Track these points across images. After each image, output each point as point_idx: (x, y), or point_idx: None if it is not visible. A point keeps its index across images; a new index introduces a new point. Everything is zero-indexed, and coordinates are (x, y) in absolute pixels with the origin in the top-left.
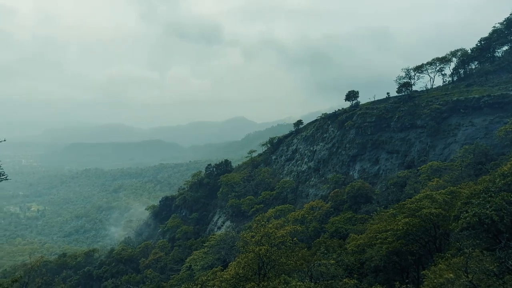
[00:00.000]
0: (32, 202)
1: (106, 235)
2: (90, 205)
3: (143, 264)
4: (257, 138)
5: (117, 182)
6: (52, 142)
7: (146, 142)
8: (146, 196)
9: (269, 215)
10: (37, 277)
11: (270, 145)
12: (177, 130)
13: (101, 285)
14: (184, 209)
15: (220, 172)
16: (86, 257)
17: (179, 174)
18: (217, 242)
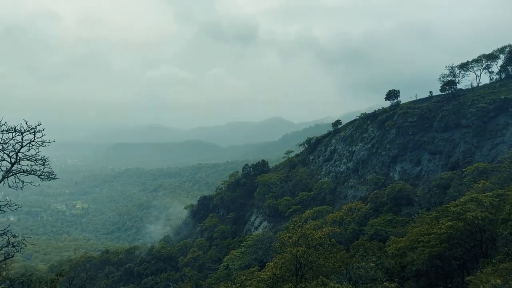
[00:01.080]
0: (77, 200)
1: (146, 233)
2: (131, 204)
3: (181, 262)
4: (295, 138)
5: (157, 181)
6: (97, 142)
7: (185, 142)
8: (184, 195)
9: (306, 216)
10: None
11: (308, 145)
12: (215, 130)
13: (142, 282)
14: (222, 209)
15: (257, 172)
16: (127, 254)
17: (216, 174)
18: (254, 242)
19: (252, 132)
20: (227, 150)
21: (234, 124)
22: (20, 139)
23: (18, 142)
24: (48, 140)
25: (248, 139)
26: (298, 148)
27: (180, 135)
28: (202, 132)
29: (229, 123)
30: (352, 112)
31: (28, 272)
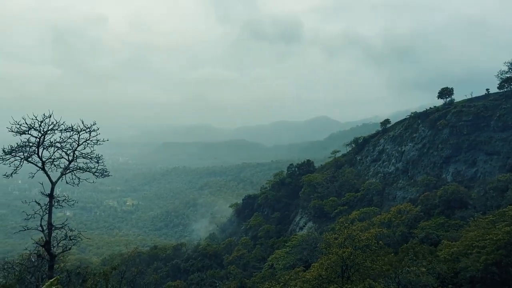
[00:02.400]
0: (128, 197)
1: (193, 230)
2: (178, 201)
3: (226, 260)
4: (341, 138)
5: (203, 179)
6: (146, 141)
7: (230, 141)
8: (229, 194)
9: (353, 217)
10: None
11: (355, 145)
12: (260, 130)
13: (188, 278)
14: (266, 208)
15: (302, 172)
16: (174, 250)
17: (261, 173)
18: (299, 242)
19: (297, 131)
20: (271, 149)
21: (279, 123)
22: (77, 138)
23: (75, 140)
24: (102, 139)
25: (293, 139)
26: (345, 148)
27: (225, 135)
28: (246, 131)
29: (274, 122)
30: (401, 111)
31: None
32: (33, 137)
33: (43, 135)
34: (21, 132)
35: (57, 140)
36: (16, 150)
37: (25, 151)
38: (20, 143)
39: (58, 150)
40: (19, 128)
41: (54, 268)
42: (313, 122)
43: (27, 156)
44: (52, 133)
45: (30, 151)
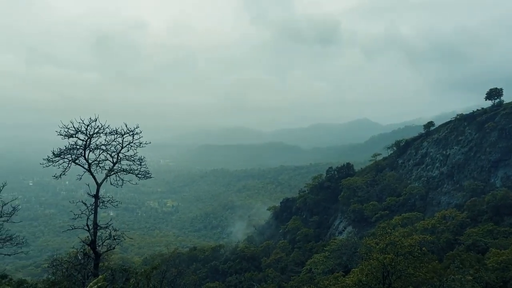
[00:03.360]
0: (168, 198)
1: (231, 232)
2: (216, 203)
3: (264, 263)
4: (382, 141)
5: (241, 182)
6: (185, 143)
7: (268, 144)
8: (267, 196)
9: (394, 222)
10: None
11: (397, 148)
12: (298, 132)
13: (226, 280)
14: (305, 212)
15: (341, 176)
16: (213, 252)
17: (299, 176)
18: (338, 247)
19: (336, 134)
20: (309, 152)
21: (317, 126)
22: (120, 140)
23: (119, 143)
24: (144, 141)
25: (332, 141)
26: (386, 151)
27: (263, 137)
28: (284, 134)
29: (312, 125)
30: (445, 113)
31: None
32: (80, 140)
33: (89, 138)
34: (69, 136)
35: (102, 142)
36: (65, 153)
37: (73, 154)
38: (68, 146)
39: (103, 152)
40: (67, 132)
41: (99, 266)
42: (353, 125)
43: (75, 158)
44: (97, 136)
45: (77, 153)
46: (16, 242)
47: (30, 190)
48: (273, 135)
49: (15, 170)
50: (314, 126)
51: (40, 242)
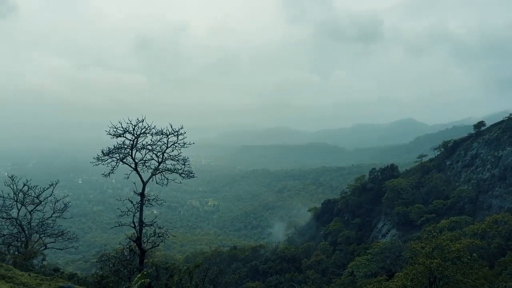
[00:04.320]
0: (209, 197)
1: (271, 233)
2: (257, 203)
3: (305, 264)
4: (428, 142)
5: (282, 182)
6: (227, 144)
7: (309, 144)
8: (308, 197)
9: (441, 226)
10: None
11: (444, 149)
12: (340, 132)
13: (266, 280)
14: (346, 213)
15: (385, 177)
16: (253, 251)
17: (341, 177)
18: (381, 250)
19: (380, 134)
20: (352, 153)
21: (360, 126)
22: (166, 140)
23: (164, 143)
24: (188, 141)
25: (375, 142)
26: (433, 152)
27: (304, 138)
28: (326, 134)
29: (355, 125)
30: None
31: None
32: (128, 140)
33: (136, 138)
34: (117, 135)
35: (148, 142)
36: (113, 152)
37: (121, 153)
38: (116, 145)
39: (149, 152)
40: (116, 132)
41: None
42: (398, 125)
43: (122, 157)
44: (144, 136)
45: (125, 152)
46: (67, 237)
47: (80, 187)
48: (315, 136)
49: (66, 168)
50: (356, 126)
51: (88, 238)
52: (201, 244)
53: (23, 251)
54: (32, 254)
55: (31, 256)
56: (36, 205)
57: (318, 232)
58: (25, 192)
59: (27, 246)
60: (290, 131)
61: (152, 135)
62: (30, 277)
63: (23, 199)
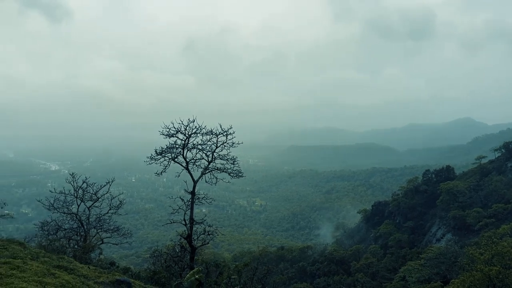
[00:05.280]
0: (256, 197)
1: (318, 234)
2: (304, 204)
3: (354, 267)
4: (488, 142)
5: (330, 183)
6: (274, 144)
7: (358, 145)
8: (357, 199)
9: (502, 231)
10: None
11: (506, 150)
12: (391, 133)
13: (314, 282)
14: (398, 216)
15: (440, 179)
16: (300, 252)
17: (392, 179)
18: (435, 255)
19: (434, 134)
20: (404, 154)
21: (413, 126)
22: (215, 140)
23: (214, 143)
24: (237, 141)
25: (429, 143)
26: (493, 153)
27: (353, 138)
28: (376, 134)
29: (408, 125)
30: None
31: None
32: (179, 140)
33: (187, 138)
34: (170, 135)
35: (199, 142)
36: (166, 151)
37: (173, 152)
38: (169, 145)
39: (200, 151)
40: (169, 132)
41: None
42: (454, 125)
43: (174, 156)
44: (195, 136)
45: (177, 152)
46: (122, 233)
47: (133, 185)
48: (364, 136)
49: (121, 166)
50: (409, 126)
51: (141, 234)
52: (248, 244)
53: (82, 245)
54: (91, 248)
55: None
56: (94, 202)
57: (368, 235)
58: (84, 189)
59: (85, 240)
60: (339, 131)
61: (202, 135)
62: (89, 269)
63: (82, 196)
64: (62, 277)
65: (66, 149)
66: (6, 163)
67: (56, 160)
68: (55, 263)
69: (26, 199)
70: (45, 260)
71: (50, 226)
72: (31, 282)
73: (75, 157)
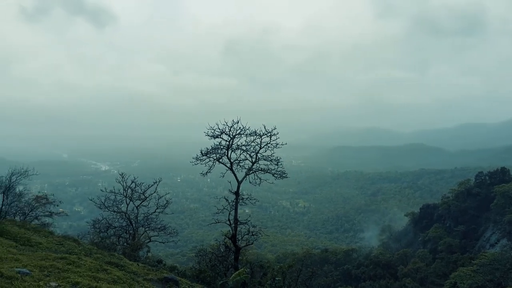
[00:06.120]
0: (300, 198)
1: (363, 237)
2: (349, 206)
3: (401, 272)
4: None
5: (375, 185)
6: (318, 144)
7: (406, 145)
8: (404, 201)
9: None
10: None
11: None
12: (441, 133)
13: (359, 285)
14: (448, 220)
15: (494, 182)
16: (345, 255)
17: (442, 181)
18: (489, 261)
19: (488, 134)
20: (455, 155)
21: (465, 126)
22: (259, 141)
23: (258, 144)
24: (281, 142)
25: (483, 143)
26: None
27: (400, 138)
28: (425, 135)
29: (459, 125)
30: None
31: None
32: (224, 141)
33: (232, 139)
34: (215, 136)
35: (242, 143)
36: (211, 152)
37: (217, 153)
38: (214, 146)
39: (244, 152)
40: (213, 133)
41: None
42: (509, 124)
43: (219, 157)
44: (239, 137)
45: (221, 153)
46: (169, 232)
47: (178, 185)
48: (413, 136)
49: (166, 167)
50: (461, 126)
51: (185, 233)
52: (291, 245)
53: (131, 242)
54: (139, 246)
55: (138, 248)
56: (142, 201)
57: (416, 239)
58: (132, 188)
59: (134, 238)
60: (384, 132)
61: (246, 136)
62: (138, 266)
63: (131, 195)
64: (114, 273)
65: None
66: (61, 163)
67: (106, 161)
68: (107, 259)
69: (78, 198)
70: (98, 256)
71: (101, 224)
72: (86, 277)
73: (123, 158)
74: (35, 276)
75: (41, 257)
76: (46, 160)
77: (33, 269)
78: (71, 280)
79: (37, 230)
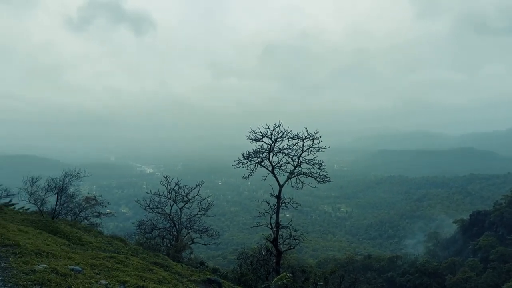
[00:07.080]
0: (342, 203)
1: (408, 244)
2: (393, 212)
3: (449, 281)
4: None
5: (421, 191)
6: (361, 148)
7: (454, 149)
8: (452, 208)
9: None
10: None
11: None
12: (493, 136)
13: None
14: (501, 228)
15: None
16: (389, 262)
17: (494, 186)
18: None
19: None
20: (508, 159)
21: None
22: (301, 145)
23: (300, 147)
24: (324, 146)
25: None
26: None
27: (448, 142)
28: (475, 138)
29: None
30: None
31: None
32: (266, 144)
33: (273, 142)
34: (256, 140)
35: (284, 147)
36: (252, 156)
37: (259, 157)
38: (255, 149)
39: (285, 156)
40: (255, 136)
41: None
42: None
43: (260, 160)
44: (280, 140)
45: (263, 156)
46: (211, 234)
47: (219, 188)
48: (461, 140)
49: (208, 170)
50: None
51: (226, 236)
52: (333, 250)
53: (175, 244)
54: (182, 247)
55: (181, 249)
56: (185, 203)
57: (465, 247)
58: (176, 191)
59: (177, 240)
60: (431, 135)
61: (288, 139)
62: (182, 267)
63: (175, 197)
64: (160, 273)
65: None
66: (109, 165)
67: (151, 164)
68: (152, 259)
69: (124, 199)
70: (144, 256)
71: (146, 225)
72: (133, 276)
73: (167, 161)
74: (87, 273)
75: (92, 256)
76: (95, 162)
77: (85, 267)
78: (120, 279)
79: (87, 230)
